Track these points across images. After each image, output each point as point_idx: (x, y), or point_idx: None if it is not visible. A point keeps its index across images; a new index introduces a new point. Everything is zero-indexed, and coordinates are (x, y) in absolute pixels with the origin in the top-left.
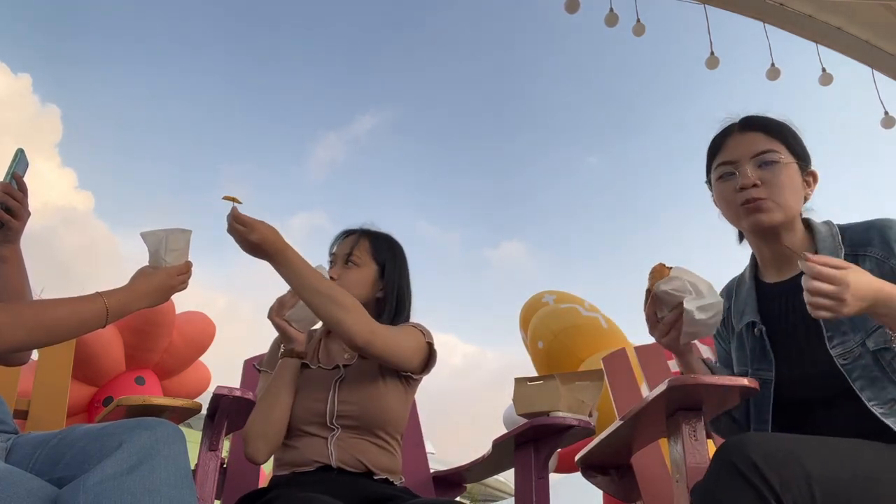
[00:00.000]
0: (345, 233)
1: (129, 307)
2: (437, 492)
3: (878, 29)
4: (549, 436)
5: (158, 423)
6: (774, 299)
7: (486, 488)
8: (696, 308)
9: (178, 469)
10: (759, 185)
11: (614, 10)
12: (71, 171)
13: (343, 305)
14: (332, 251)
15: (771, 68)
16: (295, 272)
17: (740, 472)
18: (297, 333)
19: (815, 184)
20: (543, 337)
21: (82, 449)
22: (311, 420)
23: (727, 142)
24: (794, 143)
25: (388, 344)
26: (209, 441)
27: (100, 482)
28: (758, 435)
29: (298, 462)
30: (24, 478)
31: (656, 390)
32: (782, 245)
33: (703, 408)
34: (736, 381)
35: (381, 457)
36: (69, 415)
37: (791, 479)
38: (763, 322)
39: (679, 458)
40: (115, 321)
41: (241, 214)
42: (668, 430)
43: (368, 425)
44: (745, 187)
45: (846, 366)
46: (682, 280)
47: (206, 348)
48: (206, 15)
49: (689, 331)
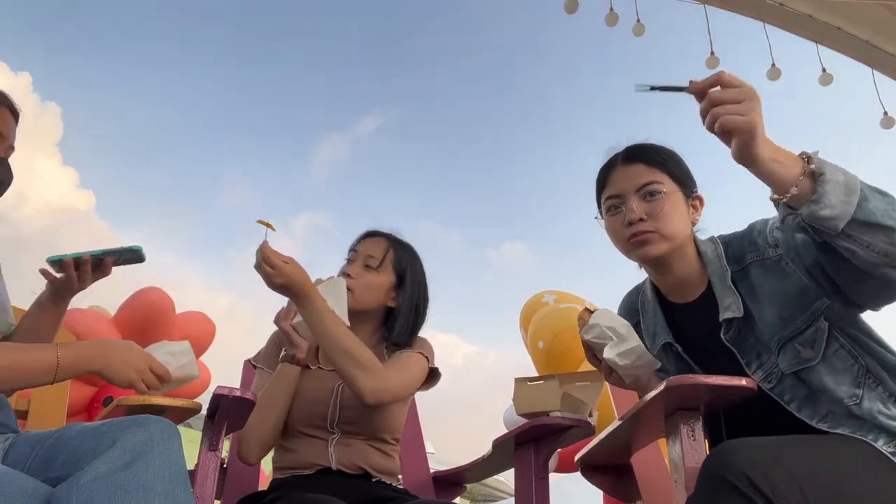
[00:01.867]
0: (371, 233)
1: (83, 367)
2: (437, 492)
3: (878, 29)
4: (549, 436)
5: (153, 420)
6: (684, 320)
7: (486, 488)
8: (615, 356)
9: (172, 466)
10: (644, 218)
11: (614, 9)
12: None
13: (361, 365)
14: (354, 248)
15: (771, 68)
16: (318, 319)
17: (731, 485)
18: (301, 341)
19: (702, 207)
20: (544, 337)
21: (77, 448)
22: (311, 423)
23: (612, 175)
24: (675, 170)
25: (397, 394)
26: (209, 441)
27: (93, 480)
28: (737, 442)
29: (298, 465)
30: (18, 478)
31: (655, 390)
32: (674, 274)
33: (701, 408)
34: (734, 381)
35: (379, 460)
36: (69, 415)
37: (779, 482)
38: (678, 342)
39: (677, 459)
40: (67, 378)
41: (270, 254)
42: (667, 431)
43: (369, 431)
44: (633, 222)
45: (773, 390)
46: (601, 327)
47: (206, 348)
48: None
49: (624, 374)
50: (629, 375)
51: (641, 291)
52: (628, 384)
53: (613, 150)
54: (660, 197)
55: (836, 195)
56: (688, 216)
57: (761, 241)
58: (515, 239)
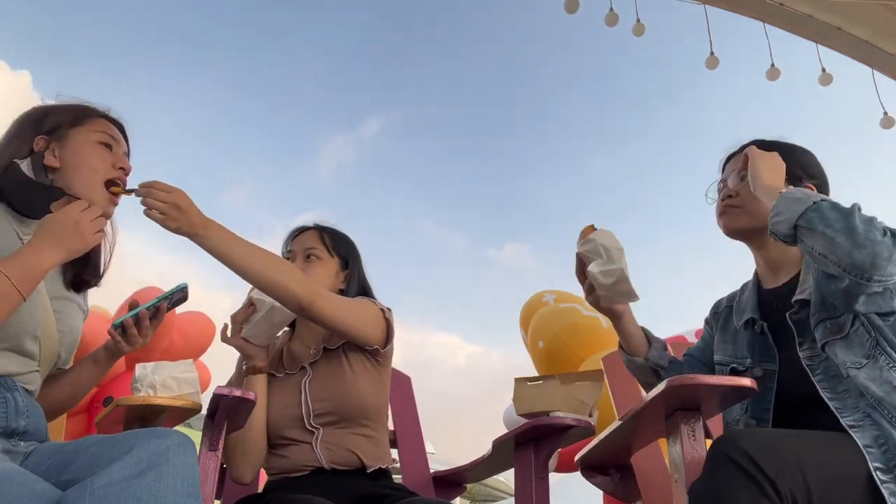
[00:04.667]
0: (299, 229)
1: (40, 265)
2: (437, 492)
3: (878, 29)
4: (549, 436)
5: (170, 432)
6: (772, 301)
7: (486, 488)
8: (598, 272)
9: (185, 478)
10: (733, 195)
11: (614, 9)
12: None
13: (284, 271)
14: (289, 248)
15: (771, 68)
16: (226, 248)
17: (737, 464)
18: (256, 349)
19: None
20: (544, 336)
21: (93, 454)
22: (290, 426)
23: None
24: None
25: (339, 306)
26: (209, 441)
27: (107, 485)
28: (746, 430)
29: (290, 469)
30: (28, 479)
31: (655, 390)
32: (768, 253)
33: (701, 408)
34: (735, 381)
35: (368, 447)
36: (69, 415)
37: (784, 467)
38: (762, 320)
39: (678, 458)
40: (32, 286)
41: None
42: (667, 431)
43: (347, 416)
44: (724, 197)
45: (811, 366)
46: (596, 243)
47: (206, 348)
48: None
49: (601, 294)
50: (606, 298)
51: (749, 281)
52: (602, 306)
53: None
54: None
55: (786, 205)
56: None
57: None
58: (518, 240)
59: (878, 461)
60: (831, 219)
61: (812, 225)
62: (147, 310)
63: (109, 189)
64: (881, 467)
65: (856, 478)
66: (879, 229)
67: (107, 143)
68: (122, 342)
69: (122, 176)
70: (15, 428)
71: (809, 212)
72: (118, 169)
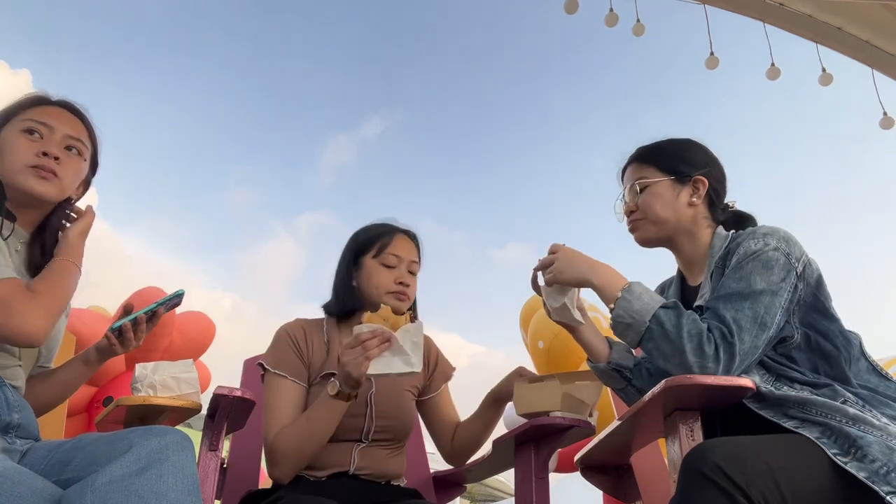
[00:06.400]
0: (410, 235)
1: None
2: (437, 492)
3: (878, 29)
4: (549, 436)
5: (168, 430)
6: (691, 300)
7: (486, 488)
8: (546, 295)
9: (185, 476)
10: (634, 210)
11: (614, 10)
12: None
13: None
14: (396, 252)
15: (771, 68)
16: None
17: (707, 478)
18: (364, 381)
19: (705, 188)
20: (544, 336)
21: (92, 452)
22: (344, 434)
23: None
24: (663, 161)
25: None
26: (209, 441)
27: (108, 482)
28: (716, 440)
29: (311, 467)
30: (28, 477)
31: (654, 390)
32: (683, 254)
33: (699, 408)
34: (733, 381)
35: (394, 465)
36: (69, 415)
37: (755, 474)
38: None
39: (676, 458)
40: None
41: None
42: (666, 430)
43: (400, 437)
44: (626, 214)
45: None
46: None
47: (206, 348)
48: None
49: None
50: (554, 317)
51: (673, 277)
52: (553, 320)
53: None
54: (645, 189)
55: (621, 331)
56: (676, 200)
57: (734, 246)
58: (520, 240)
59: (833, 448)
60: (668, 353)
61: (651, 354)
62: (144, 314)
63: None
64: (838, 452)
65: (819, 467)
66: (710, 355)
67: (31, 129)
68: (117, 345)
69: (45, 162)
70: (9, 422)
71: (645, 341)
72: (41, 155)
